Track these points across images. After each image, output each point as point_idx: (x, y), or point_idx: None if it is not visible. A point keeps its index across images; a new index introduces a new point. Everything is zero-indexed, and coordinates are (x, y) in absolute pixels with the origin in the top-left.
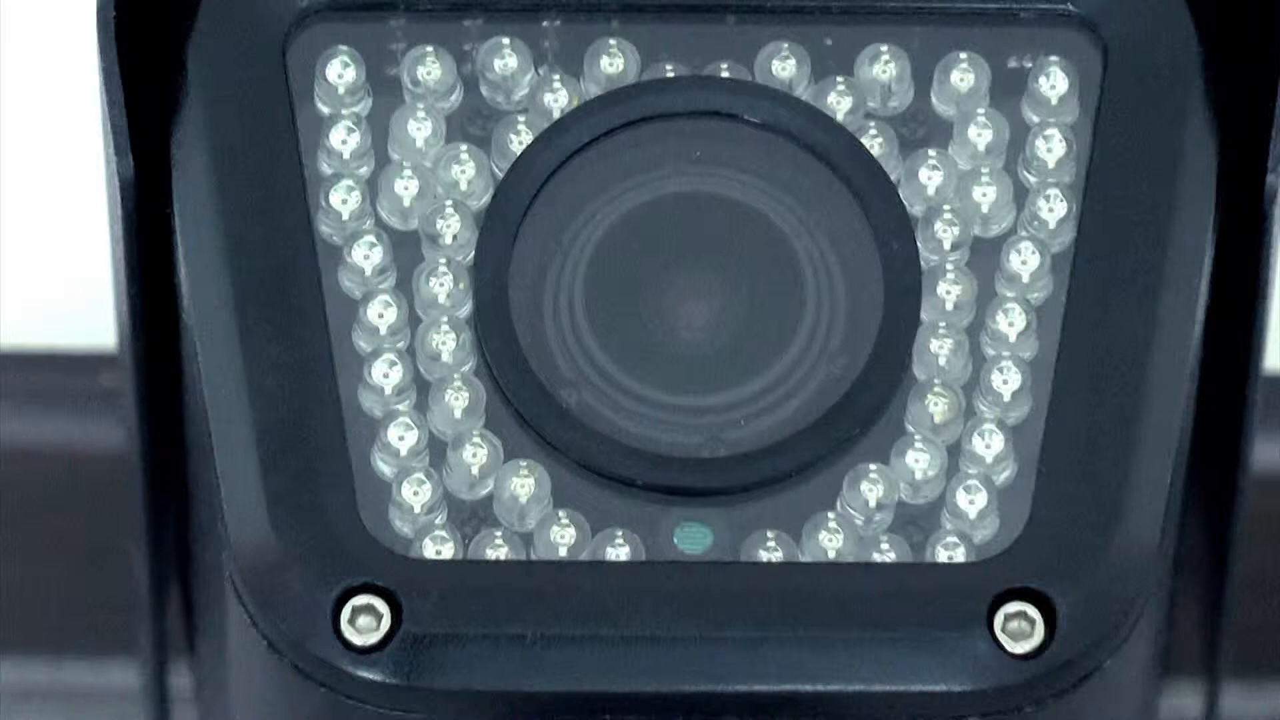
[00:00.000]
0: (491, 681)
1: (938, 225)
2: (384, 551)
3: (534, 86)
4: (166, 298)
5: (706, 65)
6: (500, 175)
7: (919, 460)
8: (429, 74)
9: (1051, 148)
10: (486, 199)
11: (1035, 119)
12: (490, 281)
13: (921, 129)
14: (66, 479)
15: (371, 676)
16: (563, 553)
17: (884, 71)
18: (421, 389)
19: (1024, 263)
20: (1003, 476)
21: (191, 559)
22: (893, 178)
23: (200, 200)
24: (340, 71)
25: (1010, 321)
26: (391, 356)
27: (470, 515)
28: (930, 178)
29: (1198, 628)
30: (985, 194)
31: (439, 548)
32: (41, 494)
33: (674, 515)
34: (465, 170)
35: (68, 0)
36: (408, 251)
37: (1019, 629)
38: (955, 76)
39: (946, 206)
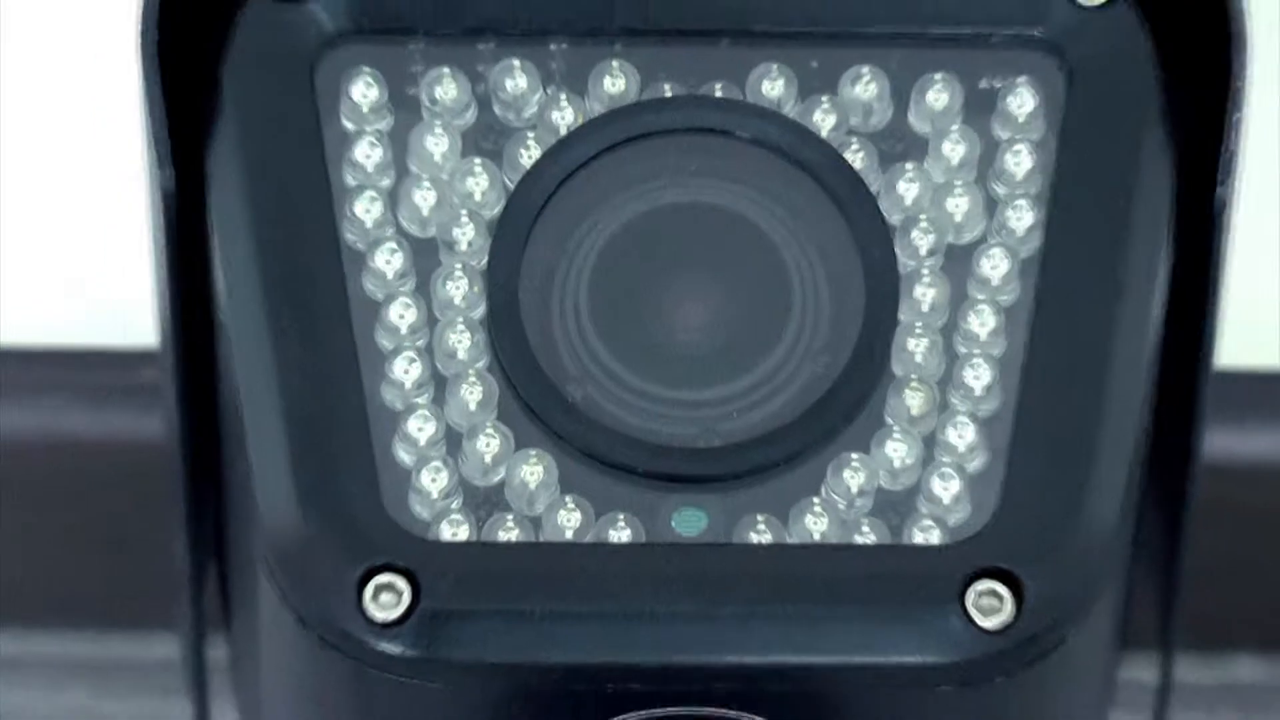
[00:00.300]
0: (503, 654)
1: (914, 233)
2: (404, 534)
3: (542, 105)
4: (203, 299)
5: (701, 85)
6: (511, 187)
7: (897, 450)
8: (446, 93)
9: (1019, 161)
10: (499, 209)
11: (1004, 135)
12: (502, 285)
13: (900, 144)
14: (109, 466)
15: (392, 649)
16: (569, 535)
17: (865, 91)
18: (439, 384)
19: (994, 268)
20: (974, 465)
21: (226, 542)
22: (873, 189)
23: (234, 209)
24: (364, 91)
25: (981, 322)
26: (411, 354)
27: (484, 500)
28: (907, 189)
29: (1153, 604)
30: (958, 204)
31: (455, 530)
32: (85, 480)
33: (671, 500)
34: (479, 182)
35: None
36: (426, 257)
37: (989, 605)
38: (931, 96)
39: (922, 216)
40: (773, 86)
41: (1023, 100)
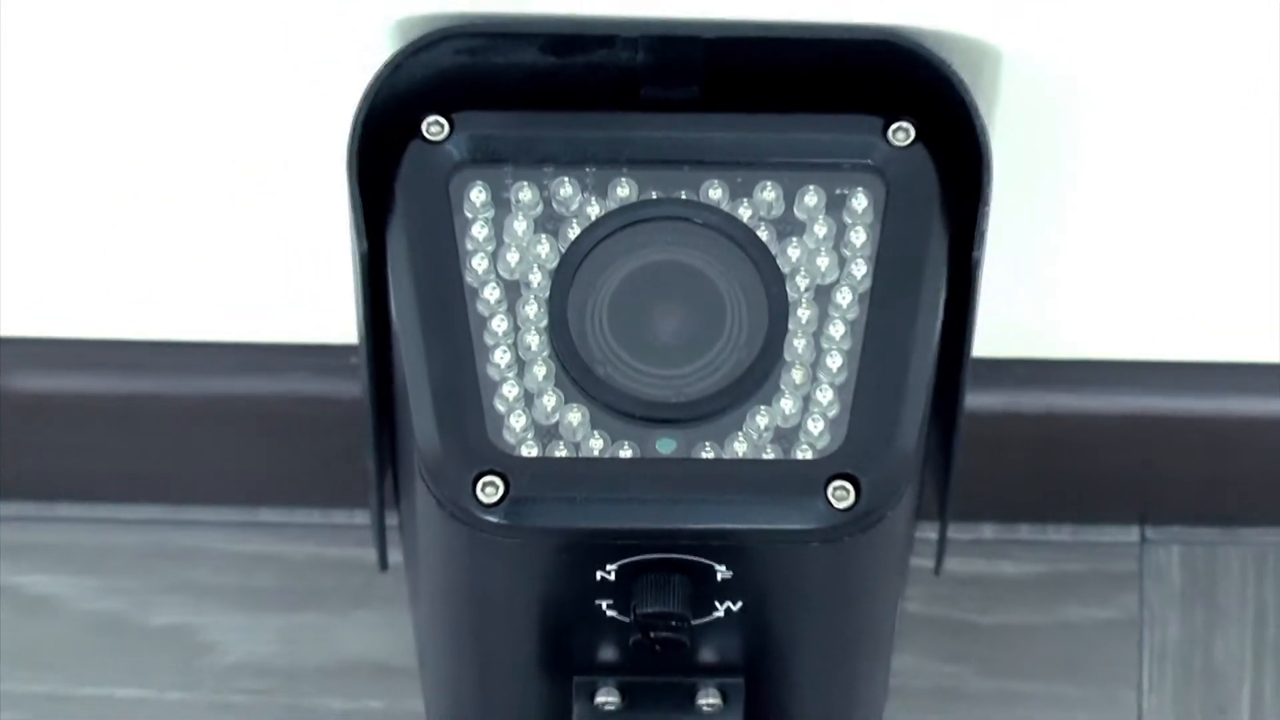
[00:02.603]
0: (560, 523)
1: (798, 278)
2: (500, 452)
3: (581, 203)
4: (384, 315)
5: (674, 192)
6: (563, 251)
7: (787, 404)
8: (525, 196)
9: (859, 236)
10: (556, 263)
11: (850, 221)
12: (558, 307)
13: (789, 226)
14: (329, 414)
15: (493, 520)
16: (596, 453)
17: (768, 195)
18: (520, 365)
19: (844, 298)
20: (832, 413)
21: (397, 456)
22: (773, 252)
23: (402, 263)
24: (477, 195)
25: (836, 329)
26: (504, 347)
27: (546, 433)
28: (793, 252)
29: (934, 493)
30: (823, 261)
31: (530, 451)
32: (315, 421)
33: (655, 433)
34: (544, 248)
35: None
36: (513, 291)
37: (840, 495)
38: (807, 198)
39: (802, 268)
40: (715, 192)
41: (861, 201)
